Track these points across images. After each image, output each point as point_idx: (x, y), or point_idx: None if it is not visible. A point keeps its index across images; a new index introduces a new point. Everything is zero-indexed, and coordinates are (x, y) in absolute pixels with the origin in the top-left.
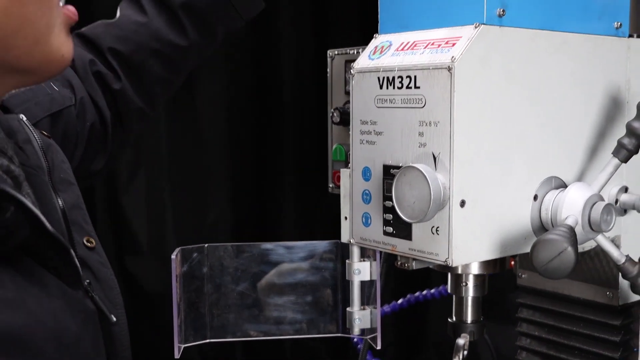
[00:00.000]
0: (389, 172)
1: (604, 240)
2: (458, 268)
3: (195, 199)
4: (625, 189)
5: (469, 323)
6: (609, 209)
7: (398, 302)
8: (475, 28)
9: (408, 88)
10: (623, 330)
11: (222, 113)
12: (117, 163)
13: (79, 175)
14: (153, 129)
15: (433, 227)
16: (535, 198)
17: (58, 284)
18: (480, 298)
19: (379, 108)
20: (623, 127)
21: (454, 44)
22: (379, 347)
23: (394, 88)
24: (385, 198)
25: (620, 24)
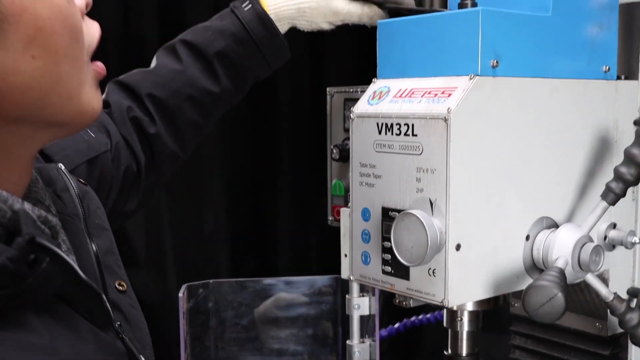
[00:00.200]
0: (388, 214)
1: (593, 279)
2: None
3: (192, 210)
4: (614, 225)
5: (464, 356)
6: (598, 250)
7: (395, 326)
8: (470, 79)
9: (406, 135)
10: None
11: (220, 136)
12: (148, 204)
13: (113, 216)
14: None
15: (430, 269)
16: (528, 238)
17: (90, 328)
18: (475, 332)
19: (378, 152)
20: (612, 165)
21: (450, 95)
22: None
23: (392, 134)
24: (384, 239)
25: (609, 68)
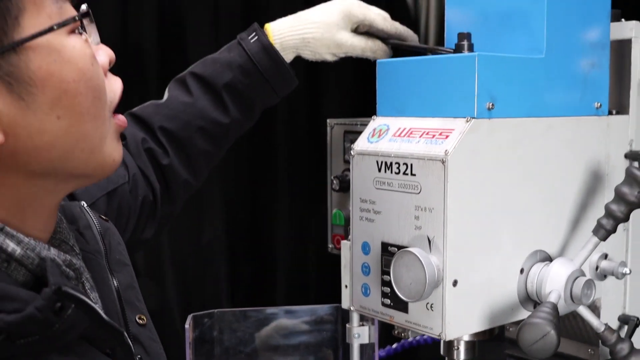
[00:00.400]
0: (387, 249)
1: (585, 311)
2: None
3: (190, 220)
4: (605, 256)
5: None
6: (589, 284)
7: (392, 346)
8: (467, 122)
9: (405, 174)
10: None
11: (221, 163)
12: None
13: (130, 245)
14: None
15: (428, 303)
16: (522, 271)
17: None
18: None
19: (378, 189)
20: (603, 198)
21: (447, 137)
22: None
23: (392, 173)
24: (384, 272)
25: (600, 105)
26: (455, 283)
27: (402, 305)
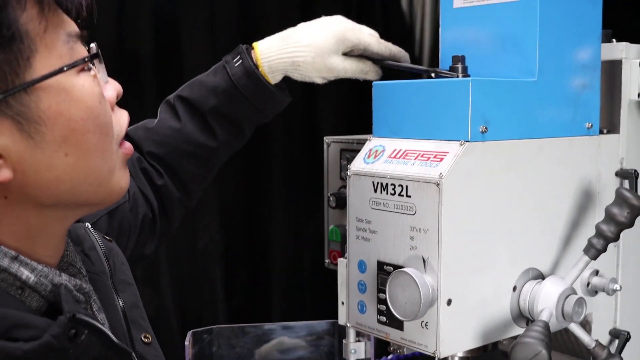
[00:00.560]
0: (383, 268)
1: (576, 328)
2: None
3: (186, 226)
4: (596, 272)
5: None
6: (580, 302)
7: (388, 357)
8: (461, 145)
9: (400, 195)
10: None
11: (216, 180)
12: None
13: (131, 260)
14: None
15: (423, 321)
16: (515, 289)
17: None
18: None
19: (374, 209)
20: (594, 216)
21: (442, 159)
22: None
23: (387, 193)
24: (379, 290)
25: (592, 125)
26: (450, 302)
27: (397, 323)
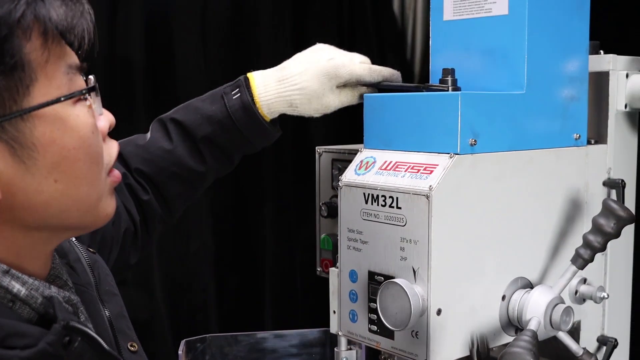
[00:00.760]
0: (374, 277)
1: (564, 336)
2: None
3: (179, 232)
4: (584, 280)
5: None
6: (568, 311)
7: None
8: (451, 158)
9: (391, 207)
10: None
11: (210, 189)
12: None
13: (115, 271)
14: None
15: (413, 331)
16: (504, 298)
17: None
18: None
19: (365, 220)
20: (582, 226)
21: (432, 172)
22: None
23: (378, 205)
24: (370, 300)
25: (579, 135)
26: (439, 312)
27: (388, 332)
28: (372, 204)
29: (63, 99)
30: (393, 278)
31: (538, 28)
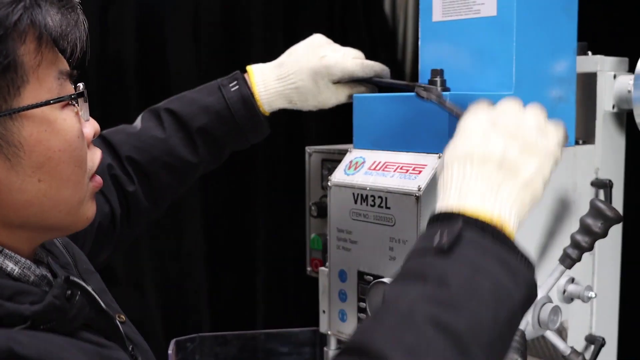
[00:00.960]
0: (363, 277)
1: (552, 335)
2: None
3: (170, 231)
4: (572, 280)
5: None
6: (556, 310)
7: None
8: (439, 158)
9: (380, 207)
10: None
11: (200, 186)
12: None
13: None
14: None
15: None
16: None
17: (115, 345)
18: None
19: (354, 220)
20: (570, 225)
21: (420, 172)
22: None
23: (367, 205)
24: (360, 299)
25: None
26: None
27: None
28: (361, 204)
29: (52, 102)
30: (382, 278)
31: (526, 29)
